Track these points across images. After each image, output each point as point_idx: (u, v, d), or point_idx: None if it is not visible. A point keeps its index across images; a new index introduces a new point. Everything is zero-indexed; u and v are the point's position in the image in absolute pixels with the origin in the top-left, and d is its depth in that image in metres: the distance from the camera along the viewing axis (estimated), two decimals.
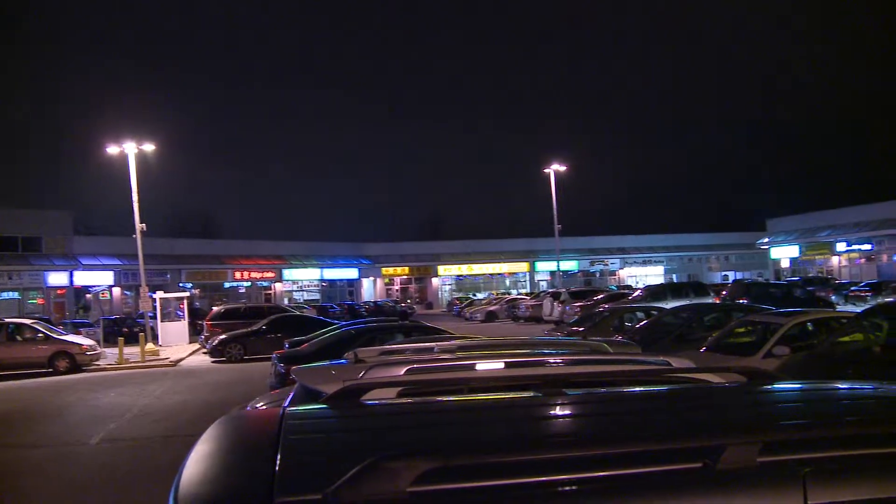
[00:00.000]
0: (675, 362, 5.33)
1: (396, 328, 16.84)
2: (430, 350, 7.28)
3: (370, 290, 72.14)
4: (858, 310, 14.33)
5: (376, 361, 6.20)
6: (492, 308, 48.66)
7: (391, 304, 56.19)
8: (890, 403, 2.49)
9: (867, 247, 57.97)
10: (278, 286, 66.09)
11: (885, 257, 56.30)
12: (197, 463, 1.82)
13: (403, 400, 3.48)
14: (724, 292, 33.25)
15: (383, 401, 2.89)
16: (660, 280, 64.90)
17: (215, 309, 35.46)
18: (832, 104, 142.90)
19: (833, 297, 35.39)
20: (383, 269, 72.96)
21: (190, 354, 29.40)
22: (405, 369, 5.14)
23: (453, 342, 8.47)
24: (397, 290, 73.72)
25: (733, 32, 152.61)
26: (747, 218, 79.70)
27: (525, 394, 2.99)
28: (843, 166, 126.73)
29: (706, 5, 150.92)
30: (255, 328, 27.28)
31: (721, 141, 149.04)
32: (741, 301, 25.22)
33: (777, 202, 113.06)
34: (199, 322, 34.76)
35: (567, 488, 1.63)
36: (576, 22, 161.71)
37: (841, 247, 60.61)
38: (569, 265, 70.23)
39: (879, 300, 30.00)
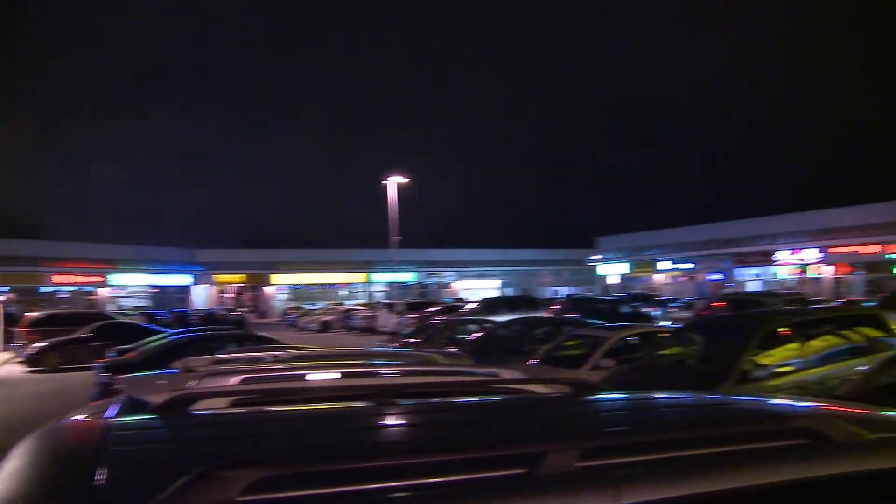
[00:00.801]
0: (505, 373, 5.49)
1: (229, 337, 16.48)
2: (264, 360, 7.18)
3: (203, 297, 70.21)
4: (678, 325, 15.12)
5: (208, 371, 6.05)
6: (327, 318, 48.37)
7: (224, 313, 54.78)
8: (700, 411, 2.69)
9: (689, 265, 61.31)
10: (104, 291, 63.25)
11: (701, 276, 59.72)
12: (6, 482, 1.72)
13: (235, 410, 3.44)
14: (555, 306, 34.28)
15: (215, 411, 2.85)
16: (494, 293, 66.24)
17: (32, 314, 33.40)
18: (664, 132, 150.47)
19: (657, 313, 37.09)
20: (217, 276, 71.18)
21: (2, 364, 27.50)
22: (238, 379, 5.05)
23: (287, 352, 8.39)
24: (231, 299, 72.04)
25: (573, 51, 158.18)
26: (579, 235, 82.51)
27: (358, 404, 3.02)
28: (670, 190, 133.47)
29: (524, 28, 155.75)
30: (77, 335, 25.78)
31: (558, 159, 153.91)
32: (571, 315, 26.06)
33: (607, 221, 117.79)
34: (12, 329, 32.53)
35: (396, 495, 1.67)
36: (418, 29, 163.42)
37: (665, 265, 63.86)
38: (406, 277, 70.67)
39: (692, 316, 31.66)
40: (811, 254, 50.92)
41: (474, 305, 36.40)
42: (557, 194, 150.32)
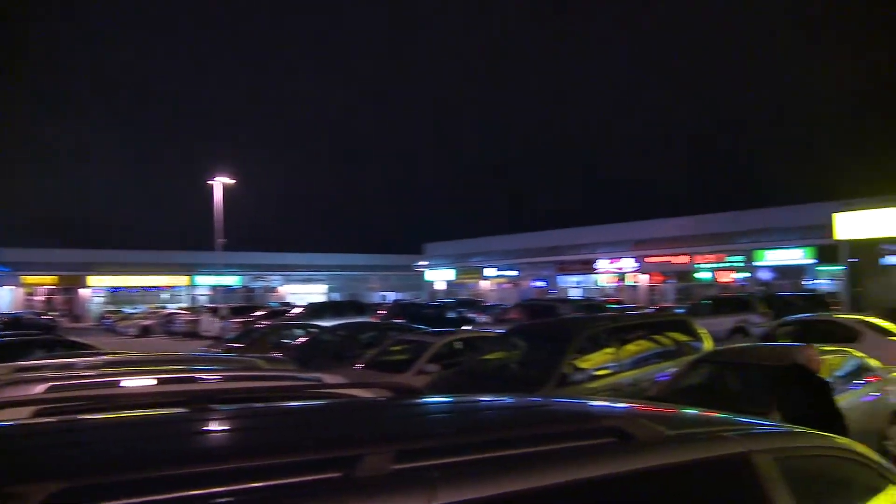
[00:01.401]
0: (329, 378, 5.45)
1: (36, 343, 15.55)
2: (75, 366, 6.81)
3: (7, 300, 65.82)
4: (501, 330, 15.45)
5: (10, 379, 5.68)
6: (147, 322, 46.51)
7: (33, 317, 51.59)
8: (518, 413, 2.78)
9: (513, 273, 62.94)
10: None
11: (525, 283, 61.48)
12: None
13: (39, 420, 3.26)
14: (382, 311, 34.36)
15: (14, 422, 2.68)
16: (321, 298, 65.73)
17: None
18: (496, 142, 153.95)
19: (481, 318, 37.78)
20: (25, 277, 66.97)
21: None
22: (44, 387, 4.77)
23: (100, 358, 8.01)
24: (42, 302, 67.99)
25: (403, 56, 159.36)
26: (408, 241, 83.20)
27: (172, 410, 2.92)
28: (496, 198, 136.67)
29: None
30: None
31: (389, 165, 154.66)
32: (397, 320, 26.17)
33: (435, 228, 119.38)
34: None
35: (211, 502, 1.62)
36: (244, 26, 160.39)
37: (490, 272, 65.29)
38: (230, 280, 69.03)
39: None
40: (628, 263, 53.40)
41: (300, 310, 36.02)
42: (387, 200, 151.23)
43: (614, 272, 54.97)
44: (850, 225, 25.44)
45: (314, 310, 34.32)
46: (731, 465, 2.31)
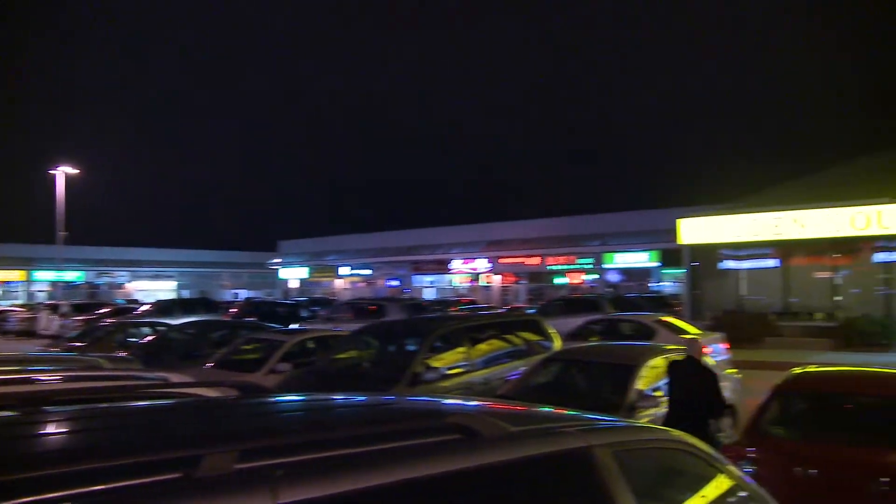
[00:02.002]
0: (175, 377, 5.28)
1: None
2: None
3: None
4: (354, 328, 15.39)
5: None
6: None
7: None
8: (365, 411, 2.81)
9: (367, 271, 62.88)
10: None
11: (380, 282, 61.54)
12: None
13: None
14: (233, 310, 33.68)
15: None
16: (171, 295, 63.75)
17: None
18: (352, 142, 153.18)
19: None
20: None
21: None
22: None
23: None
24: None
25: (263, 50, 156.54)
26: (260, 238, 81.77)
27: (1, 413, 2.74)
28: (352, 197, 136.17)
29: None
30: None
31: (246, 161, 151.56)
32: (249, 319, 25.74)
33: (289, 225, 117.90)
34: None
35: None
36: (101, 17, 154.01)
37: (344, 270, 64.99)
38: (72, 276, 65.94)
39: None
40: (482, 263, 54.25)
41: (148, 307, 34.82)
42: (241, 196, 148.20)
43: (468, 272, 55.73)
44: (693, 230, 26.67)
45: (162, 307, 33.21)
46: (572, 458, 2.41)
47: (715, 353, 14.34)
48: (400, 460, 2.00)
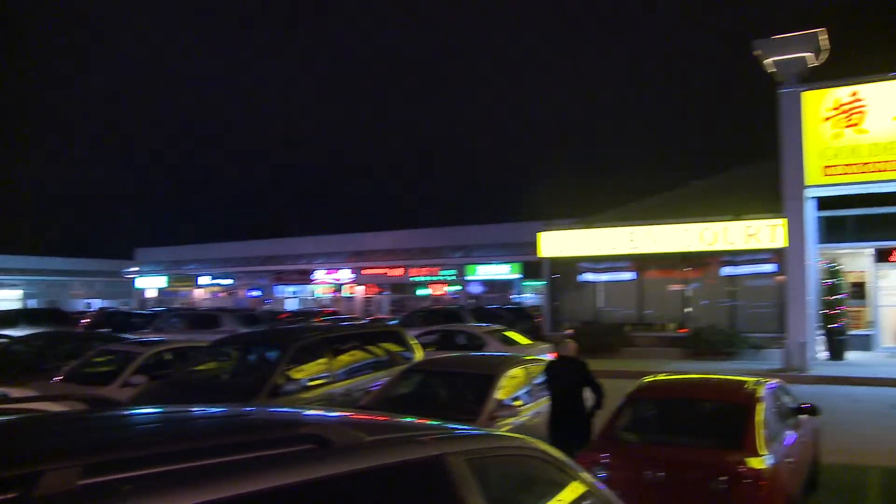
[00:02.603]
0: (15, 392, 5.02)
1: None
2: None
3: None
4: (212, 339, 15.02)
5: None
6: None
7: None
8: (219, 422, 2.75)
9: (228, 281, 61.54)
10: None
11: (241, 292, 60.34)
12: None
13: None
14: (85, 320, 32.33)
15: None
16: (15, 305, 60.58)
17: None
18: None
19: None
20: None
21: None
22: None
23: None
24: None
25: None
26: (115, 245, 78.84)
27: None
28: (213, 206, 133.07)
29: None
30: None
31: (95, 166, 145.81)
32: (103, 330, 24.79)
33: (148, 233, 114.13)
34: None
35: None
36: None
37: (204, 280, 63.39)
38: None
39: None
40: (345, 274, 53.97)
41: None
42: (95, 202, 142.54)
43: (331, 283, 55.35)
44: (553, 243, 27.36)
45: (5, 318, 31.52)
46: (426, 466, 2.45)
47: None
48: (251, 471, 1.97)
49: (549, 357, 12.34)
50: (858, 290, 25.30)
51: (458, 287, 49.16)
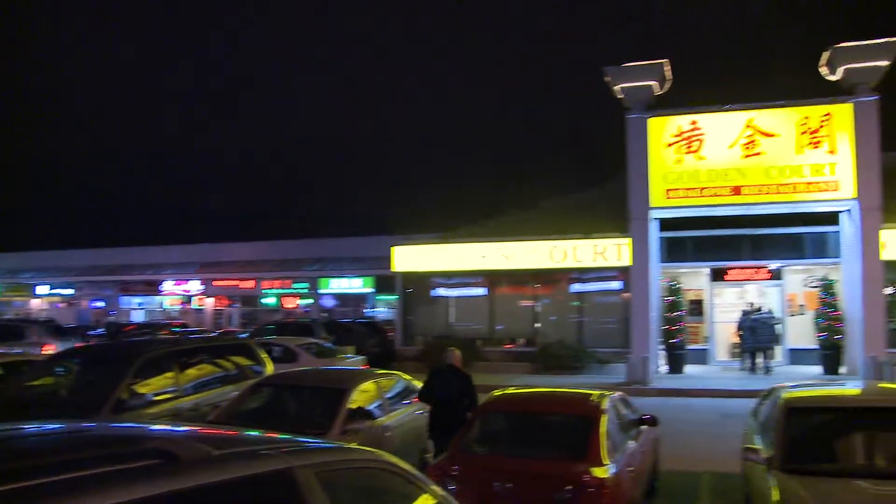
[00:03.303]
0: None
1: None
2: None
3: None
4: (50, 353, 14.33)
5: None
6: None
7: None
8: (58, 439, 2.67)
9: (69, 291, 58.77)
10: None
11: (84, 303, 57.78)
12: None
13: None
14: None
15: None
16: None
17: None
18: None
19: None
20: None
21: None
22: None
23: None
24: None
25: None
26: None
27: None
28: (54, 212, 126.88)
29: None
30: None
31: None
32: None
33: None
34: None
35: None
36: None
37: (43, 289, 60.31)
38: None
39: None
40: (194, 285, 52.51)
41: None
42: None
43: (180, 294, 53.75)
44: (407, 258, 27.51)
45: None
46: (274, 479, 2.45)
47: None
48: (94, 488, 1.91)
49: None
50: (696, 307, 26.72)
51: (311, 300, 48.66)
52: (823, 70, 23.67)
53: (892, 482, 6.34)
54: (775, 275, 25.47)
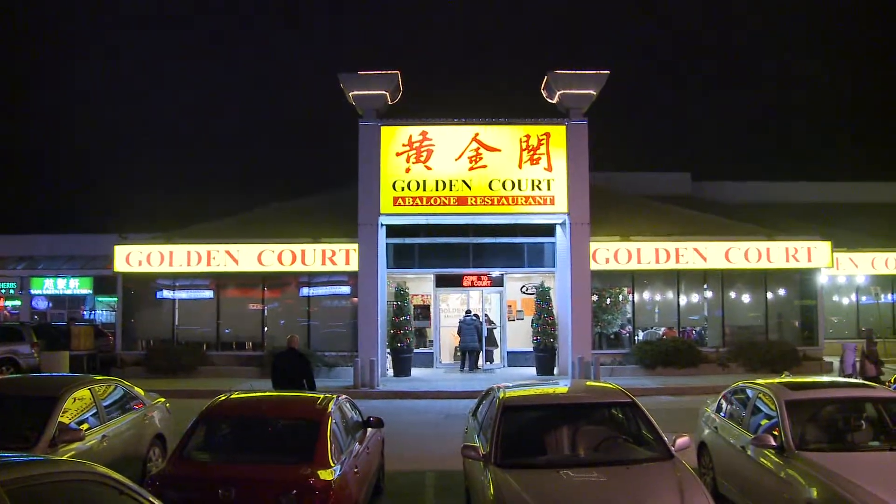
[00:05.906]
0: None
1: None
2: None
3: None
4: None
5: None
6: None
7: None
8: None
9: None
10: None
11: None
12: None
13: None
14: None
15: None
16: None
17: None
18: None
19: None
20: None
21: None
22: None
23: None
24: None
25: None
26: None
27: None
28: None
29: None
30: None
31: None
32: None
33: None
34: None
35: None
36: None
37: None
38: None
39: None
40: None
41: None
42: None
43: None
44: (129, 258, 26.19)
45: None
46: None
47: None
48: None
49: None
50: (423, 312, 27.70)
51: (19, 301, 44.97)
52: (544, 93, 25.51)
53: (591, 469, 7.04)
54: (497, 282, 26.95)
